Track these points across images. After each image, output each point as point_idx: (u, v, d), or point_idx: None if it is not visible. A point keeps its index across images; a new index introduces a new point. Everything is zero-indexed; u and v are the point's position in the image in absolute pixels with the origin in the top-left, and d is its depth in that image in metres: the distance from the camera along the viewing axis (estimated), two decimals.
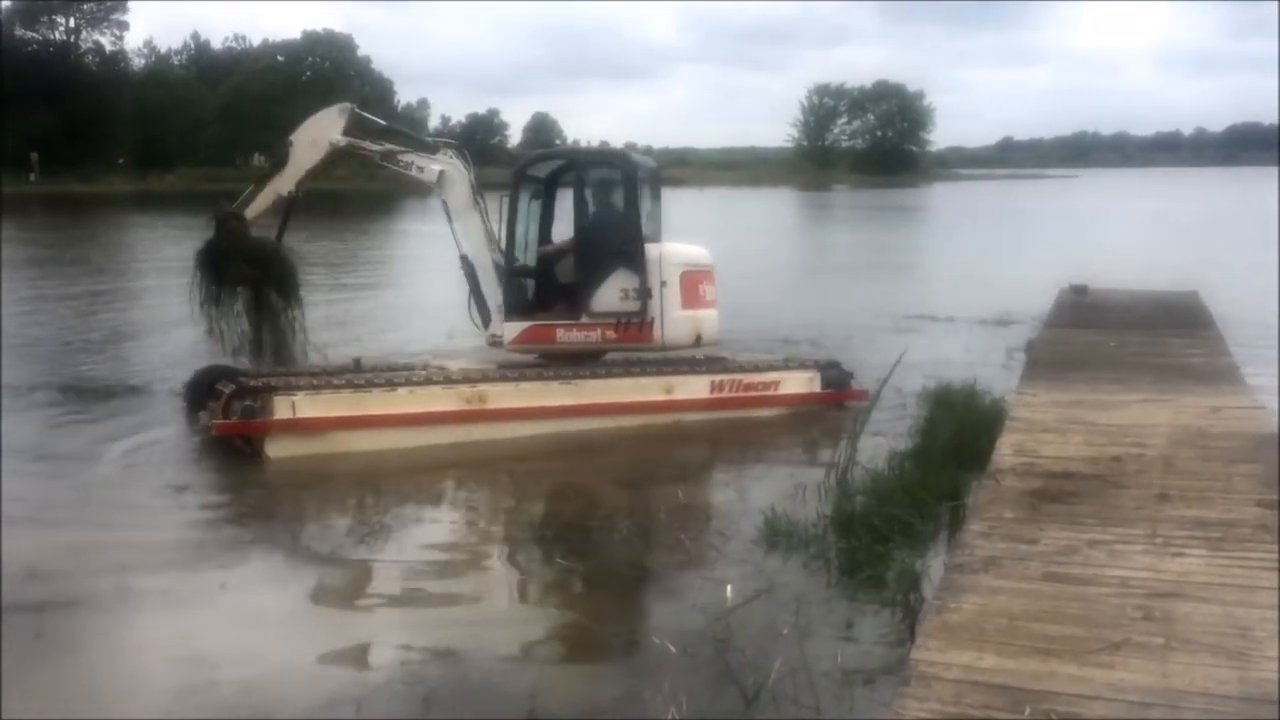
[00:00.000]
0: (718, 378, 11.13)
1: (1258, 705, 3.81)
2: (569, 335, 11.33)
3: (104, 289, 23.07)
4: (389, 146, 11.76)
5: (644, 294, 11.23)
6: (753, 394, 11.21)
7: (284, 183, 11.40)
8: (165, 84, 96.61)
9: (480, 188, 11.50)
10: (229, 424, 9.38)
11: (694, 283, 11.47)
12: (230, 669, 5.75)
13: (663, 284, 11.29)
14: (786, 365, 11.63)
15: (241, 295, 11.50)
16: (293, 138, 11.48)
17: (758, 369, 11.42)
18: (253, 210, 11.46)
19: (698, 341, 11.61)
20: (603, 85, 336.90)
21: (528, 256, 11.77)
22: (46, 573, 6.98)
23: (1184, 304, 15.05)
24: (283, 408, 9.38)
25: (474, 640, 6.11)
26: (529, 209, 11.70)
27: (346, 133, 11.39)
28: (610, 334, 11.30)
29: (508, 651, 6.03)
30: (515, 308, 11.39)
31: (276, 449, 9.41)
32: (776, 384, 11.37)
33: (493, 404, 10.17)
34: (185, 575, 7.03)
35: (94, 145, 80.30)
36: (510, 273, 11.52)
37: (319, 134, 11.45)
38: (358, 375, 10.38)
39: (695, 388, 11.00)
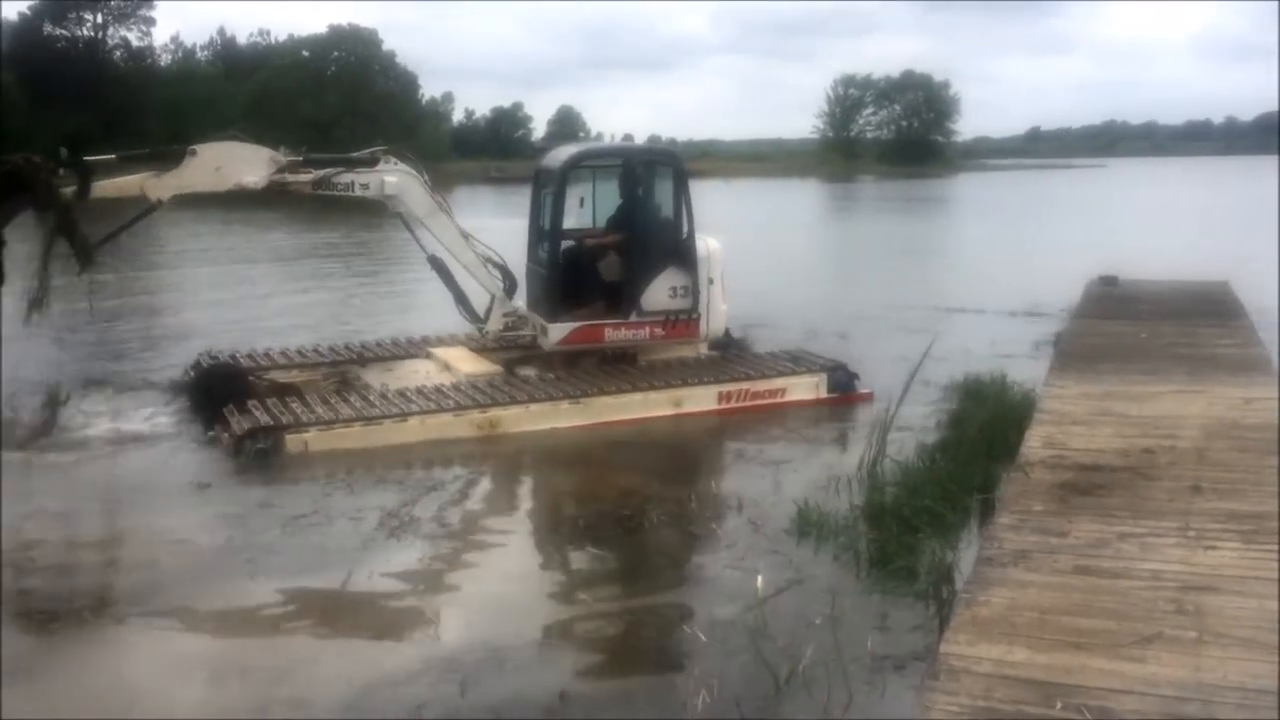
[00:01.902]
0: (725, 388, 10.96)
1: None
2: (618, 334, 11.41)
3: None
4: (320, 173, 10.76)
5: (694, 291, 11.44)
6: (760, 402, 11.01)
7: (159, 189, 10.03)
8: (192, 80, 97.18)
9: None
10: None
11: (723, 277, 11.80)
12: (262, 659, 5.79)
13: (710, 281, 11.55)
14: (794, 371, 11.41)
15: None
16: (197, 149, 10.22)
17: (765, 376, 11.23)
18: (107, 189, 9.89)
19: (727, 333, 12.12)
20: (629, 78, 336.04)
21: (567, 254, 11.73)
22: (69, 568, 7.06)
23: (1215, 294, 14.90)
24: (294, 446, 9.31)
25: (508, 628, 6.17)
26: (568, 207, 11.65)
27: (272, 176, 10.46)
28: (659, 331, 11.43)
29: (541, 639, 6.09)
30: (561, 307, 11.33)
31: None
32: (783, 391, 11.16)
33: (504, 429, 9.99)
34: (208, 571, 7.08)
35: (123, 141, 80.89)
36: (552, 271, 11.46)
37: (230, 167, 10.32)
38: (369, 405, 10.01)
39: (703, 399, 10.83)
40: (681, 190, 11.51)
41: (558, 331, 11.25)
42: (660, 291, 11.39)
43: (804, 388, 11.29)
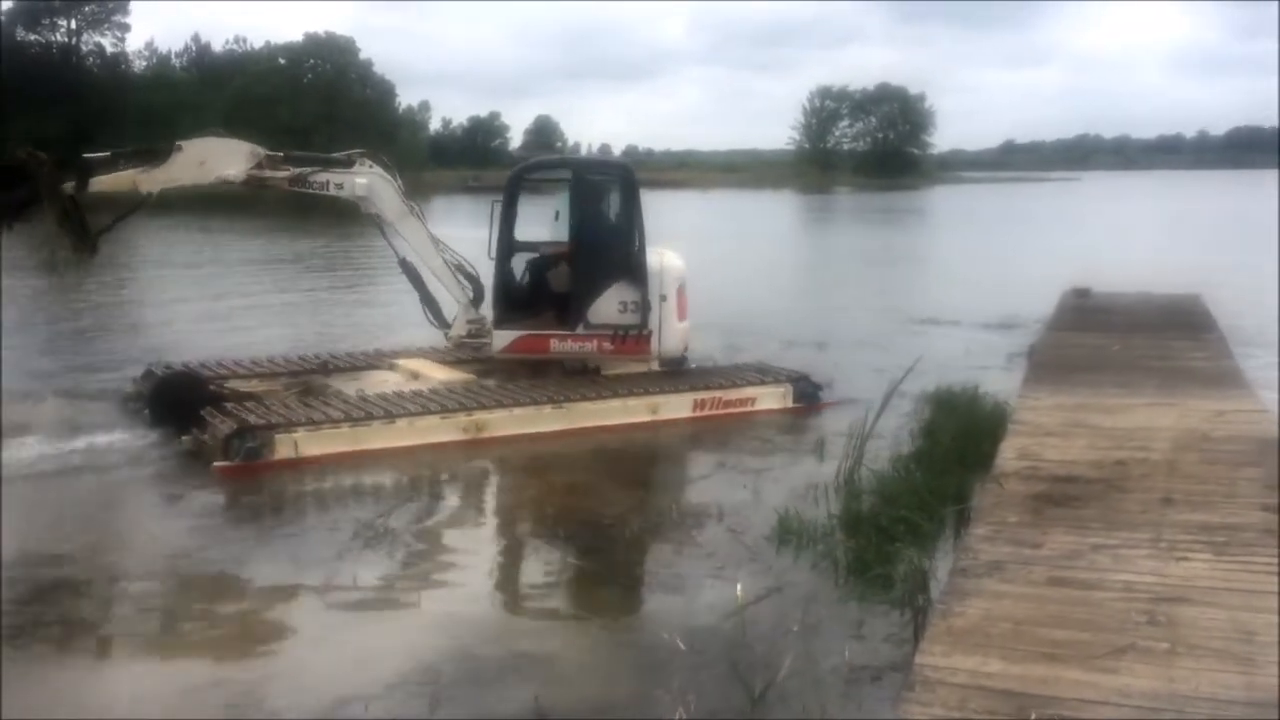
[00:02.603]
0: (699, 395, 11.19)
1: (1264, 710, 3.80)
2: (564, 345, 11.37)
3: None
4: (297, 170, 11.04)
5: (644, 307, 11.31)
6: (731, 410, 11.28)
7: (149, 182, 10.36)
8: (168, 86, 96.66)
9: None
10: (232, 467, 9.07)
11: (682, 294, 11.66)
12: (234, 670, 5.74)
13: (663, 298, 11.39)
14: (762, 381, 11.73)
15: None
16: (183, 145, 10.59)
17: (735, 385, 11.50)
18: (103, 184, 10.24)
19: (685, 351, 11.92)
20: (607, 87, 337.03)
21: (520, 264, 11.84)
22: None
23: (1187, 307, 15.03)
24: (285, 447, 9.23)
25: (484, 637, 6.15)
26: (521, 215, 11.70)
27: (251, 170, 10.79)
28: (607, 345, 11.35)
29: (518, 648, 6.05)
30: (506, 315, 11.42)
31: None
32: (753, 400, 11.47)
33: (489, 432, 10.05)
34: (185, 579, 7.03)
35: (98, 147, 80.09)
36: (502, 279, 11.53)
37: (213, 161, 10.69)
38: (355, 408, 10.02)
39: (679, 407, 11.05)
40: (632, 203, 11.50)
41: (501, 338, 11.38)
42: (610, 305, 11.35)
43: (772, 397, 11.59)
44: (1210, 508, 6.11)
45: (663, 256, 11.61)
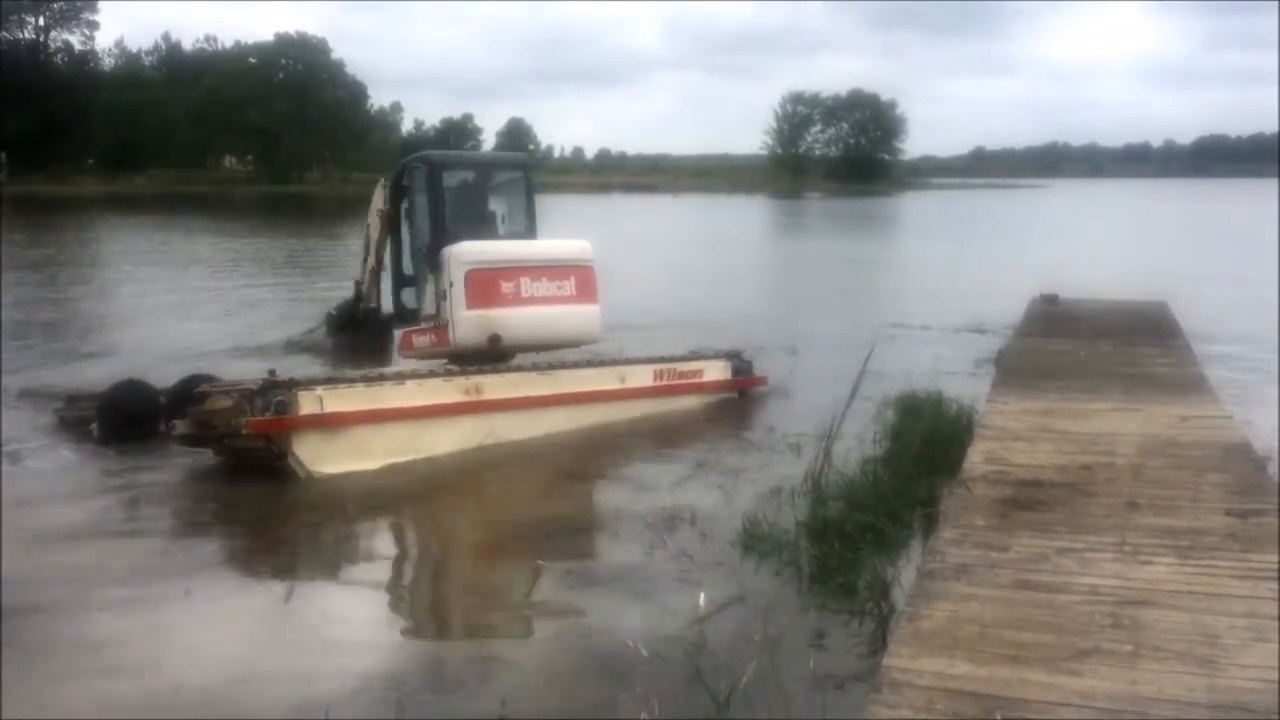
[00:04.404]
0: (658, 367, 11.77)
1: (1226, 712, 3.84)
2: (422, 340, 11.74)
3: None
4: None
5: (439, 296, 11.40)
6: (685, 381, 11.93)
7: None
8: (137, 84, 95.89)
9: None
10: (263, 421, 8.91)
11: (487, 280, 11.16)
12: (198, 673, 5.69)
13: (450, 284, 11.19)
14: (706, 356, 12.46)
15: None
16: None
17: (686, 360, 12.21)
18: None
19: (494, 342, 11.21)
20: (582, 91, 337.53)
21: (403, 263, 12.94)
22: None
23: (1153, 314, 15.18)
24: (309, 403, 9.12)
25: (447, 642, 6.12)
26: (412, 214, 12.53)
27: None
28: (435, 338, 11.52)
29: (480, 653, 6.03)
30: (399, 314, 12.65)
31: (307, 454, 9.09)
32: (701, 372, 12.14)
33: (487, 394, 10.30)
34: (151, 583, 6.96)
35: (64, 146, 79.68)
36: (395, 279, 12.77)
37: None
38: (370, 372, 10.38)
39: (642, 376, 11.59)
40: (433, 194, 11.81)
41: (398, 337, 12.20)
42: (429, 297, 11.79)
43: (716, 370, 12.37)
44: (1174, 512, 6.17)
45: (453, 249, 11.31)
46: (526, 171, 13.07)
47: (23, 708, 5.23)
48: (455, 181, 12.27)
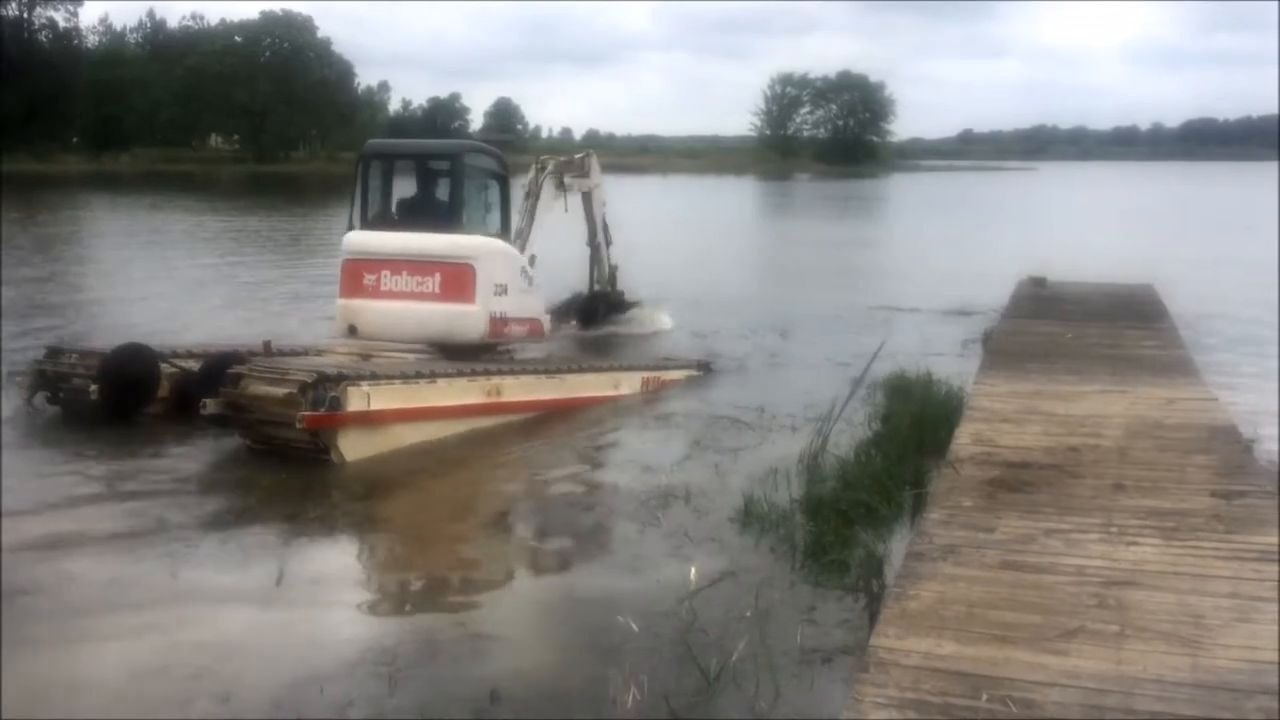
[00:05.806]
0: (646, 374, 12.33)
1: (1210, 692, 3.87)
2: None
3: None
4: None
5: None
6: (666, 388, 12.40)
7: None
8: (121, 63, 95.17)
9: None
10: (318, 416, 8.86)
11: (354, 271, 11.04)
12: (191, 652, 5.69)
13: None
14: (681, 366, 13.01)
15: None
16: None
17: (665, 368, 12.74)
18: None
19: (352, 333, 11.05)
20: (571, 71, 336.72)
21: None
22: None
23: (1139, 296, 15.25)
24: (357, 399, 9.10)
25: (440, 620, 6.15)
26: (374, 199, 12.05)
27: None
28: None
29: (472, 630, 6.04)
30: None
31: (348, 448, 9.12)
32: (680, 380, 12.60)
33: (506, 396, 10.56)
34: (141, 559, 6.96)
35: (48, 123, 79.11)
36: None
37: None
38: (407, 369, 10.06)
39: (634, 383, 12.08)
40: (359, 187, 11.66)
41: None
42: None
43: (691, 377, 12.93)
44: (1160, 493, 6.21)
45: (345, 236, 11.37)
46: (453, 162, 11.70)
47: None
48: (391, 170, 12.03)
